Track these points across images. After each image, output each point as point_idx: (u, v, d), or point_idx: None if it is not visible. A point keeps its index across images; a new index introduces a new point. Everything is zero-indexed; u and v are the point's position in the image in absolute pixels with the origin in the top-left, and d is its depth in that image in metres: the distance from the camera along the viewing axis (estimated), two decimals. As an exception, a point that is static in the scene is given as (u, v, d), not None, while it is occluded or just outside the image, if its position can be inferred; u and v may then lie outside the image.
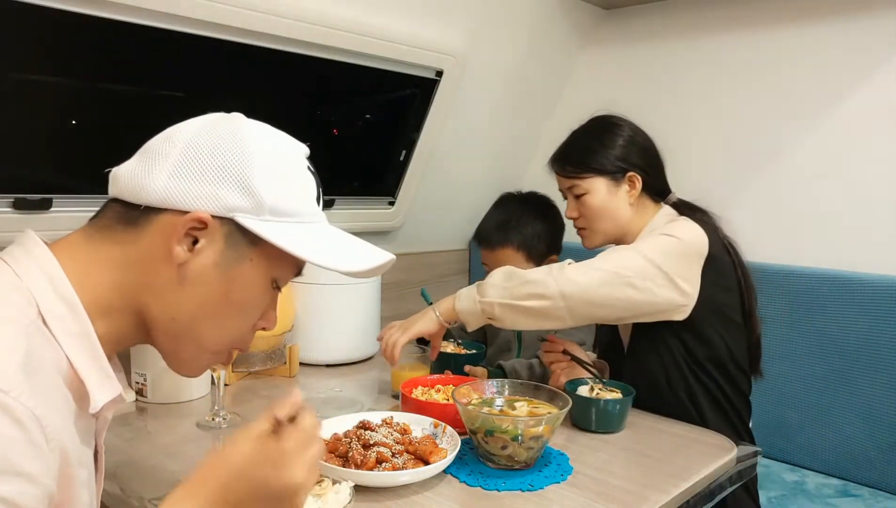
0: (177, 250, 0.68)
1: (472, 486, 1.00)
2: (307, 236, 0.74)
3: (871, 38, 1.81)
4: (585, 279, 1.21)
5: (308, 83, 1.87)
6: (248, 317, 0.76)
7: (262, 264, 0.73)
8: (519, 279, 1.24)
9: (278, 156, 0.73)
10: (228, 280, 0.71)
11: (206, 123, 0.72)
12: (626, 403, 1.23)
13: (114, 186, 0.71)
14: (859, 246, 1.82)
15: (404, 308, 2.24)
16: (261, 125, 0.75)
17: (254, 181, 0.69)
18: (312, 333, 1.64)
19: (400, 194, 2.21)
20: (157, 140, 0.72)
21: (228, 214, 0.69)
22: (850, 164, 1.85)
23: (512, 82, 2.26)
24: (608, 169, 1.37)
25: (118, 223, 0.69)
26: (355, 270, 0.77)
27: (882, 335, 1.66)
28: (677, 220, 1.36)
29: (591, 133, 1.43)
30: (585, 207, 1.40)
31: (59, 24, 1.32)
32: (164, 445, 1.15)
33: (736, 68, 2.05)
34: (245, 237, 0.71)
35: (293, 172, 0.74)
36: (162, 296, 0.70)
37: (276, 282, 0.76)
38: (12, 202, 1.40)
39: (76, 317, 0.65)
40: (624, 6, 2.28)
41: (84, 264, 0.67)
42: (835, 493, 1.67)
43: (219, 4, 1.45)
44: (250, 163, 0.70)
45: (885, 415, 1.66)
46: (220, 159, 0.69)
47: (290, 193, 0.73)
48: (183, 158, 0.68)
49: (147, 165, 0.69)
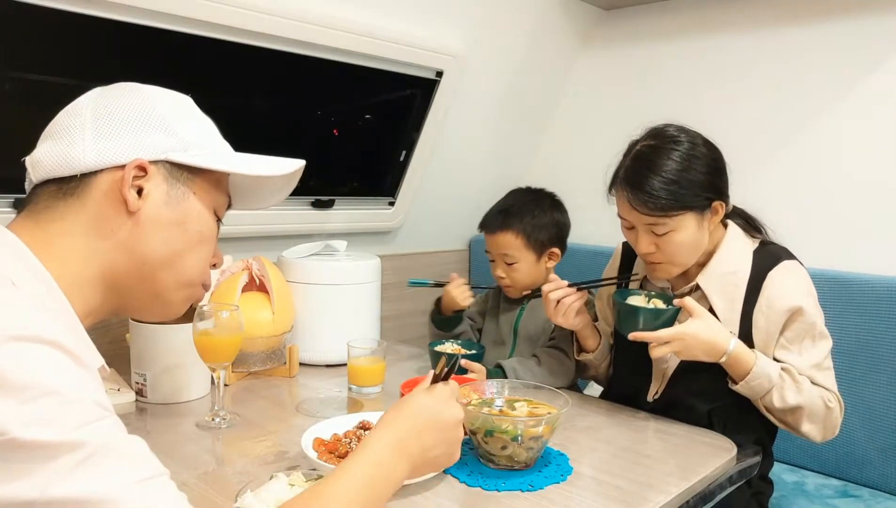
0: (130, 199, 0.72)
1: (471, 486, 1.00)
2: (231, 158, 0.82)
3: (872, 38, 1.81)
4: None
5: (308, 83, 1.87)
6: (206, 248, 0.82)
7: (202, 195, 0.80)
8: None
9: (178, 101, 0.80)
10: (181, 215, 0.77)
11: (101, 92, 0.77)
12: (675, 313, 1.24)
13: (35, 171, 0.75)
14: (859, 246, 1.82)
15: (404, 308, 2.25)
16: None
17: (171, 122, 0.76)
18: (312, 333, 1.64)
19: (400, 194, 2.21)
20: (58, 121, 0.76)
21: (162, 156, 0.75)
22: (850, 164, 1.85)
23: (512, 82, 2.26)
24: (698, 205, 1.26)
25: (56, 201, 0.73)
26: (281, 172, 0.85)
27: (882, 336, 1.66)
28: (797, 279, 1.30)
29: (657, 159, 1.26)
30: (668, 243, 1.27)
31: (59, 24, 1.32)
32: (164, 445, 1.15)
33: (736, 68, 2.05)
34: (183, 173, 0.77)
35: (195, 113, 0.82)
36: (127, 249, 0.74)
37: (216, 212, 0.83)
38: (12, 202, 1.40)
39: (52, 294, 0.68)
40: (624, 6, 2.28)
41: (42, 241, 0.70)
42: (834, 494, 1.66)
43: (219, 4, 1.45)
44: (161, 109, 0.76)
45: (885, 415, 1.66)
46: (134, 111, 0.74)
47: (204, 128, 0.81)
48: (98, 122, 0.73)
49: (64, 141, 0.73)
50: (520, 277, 1.64)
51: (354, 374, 1.45)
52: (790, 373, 1.24)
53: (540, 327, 1.66)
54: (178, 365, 1.34)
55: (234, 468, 1.07)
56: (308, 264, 1.67)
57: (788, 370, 1.24)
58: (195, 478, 1.02)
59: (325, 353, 1.64)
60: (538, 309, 1.68)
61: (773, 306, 1.27)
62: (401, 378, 1.40)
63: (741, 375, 1.22)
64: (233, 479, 1.03)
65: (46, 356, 0.56)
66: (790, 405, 1.22)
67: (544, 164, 2.55)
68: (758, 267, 1.30)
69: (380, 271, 1.75)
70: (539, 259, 1.64)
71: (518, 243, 1.62)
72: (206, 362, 1.24)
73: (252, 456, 1.10)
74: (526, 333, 1.68)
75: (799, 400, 1.22)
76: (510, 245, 1.63)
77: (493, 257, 1.68)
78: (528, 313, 1.69)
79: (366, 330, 1.68)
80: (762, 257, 1.31)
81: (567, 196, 1.73)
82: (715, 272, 1.32)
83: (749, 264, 1.31)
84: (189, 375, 1.35)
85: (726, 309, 1.30)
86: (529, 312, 1.69)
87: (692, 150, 1.28)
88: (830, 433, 1.27)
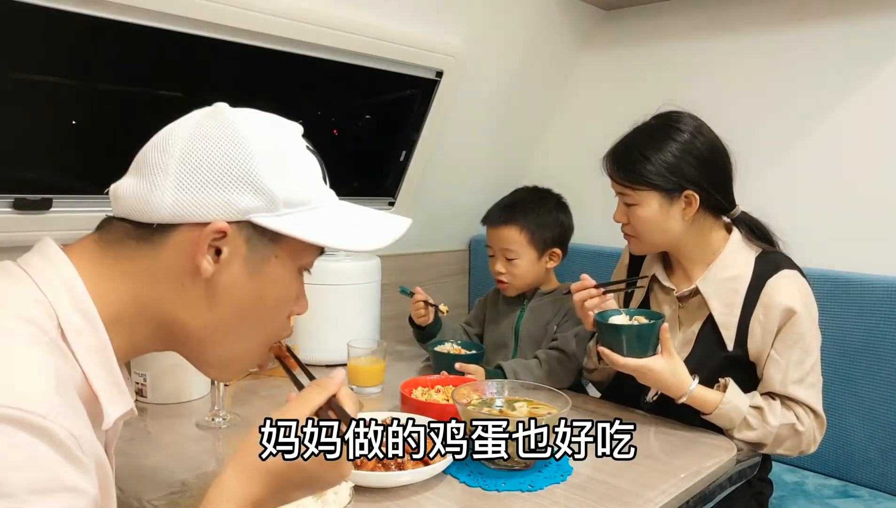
0: (203, 266, 0.67)
1: (472, 486, 1.00)
2: (324, 220, 0.73)
3: (873, 38, 1.81)
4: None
5: (308, 83, 1.87)
6: (283, 310, 0.76)
7: (287, 258, 0.72)
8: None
9: (277, 145, 0.71)
10: (259, 282, 0.71)
11: (197, 126, 0.69)
12: (656, 327, 1.22)
13: (116, 205, 0.69)
14: (859, 246, 1.82)
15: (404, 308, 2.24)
16: (248, 114, 0.73)
17: (261, 178, 0.68)
18: (312, 333, 1.64)
19: (400, 194, 2.21)
20: (148, 151, 0.70)
21: (244, 217, 0.68)
22: (850, 164, 1.85)
23: (512, 83, 2.26)
24: (662, 185, 1.27)
25: (130, 239, 0.68)
26: (381, 245, 0.76)
27: (882, 336, 1.66)
28: (796, 292, 1.27)
29: (648, 135, 1.32)
30: (634, 217, 1.32)
31: (59, 24, 1.32)
32: (163, 445, 1.15)
33: (736, 68, 2.05)
34: (265, 236, 0.70)
35: (296, 159, 0.73)
36: (193, 308, 0.69)
37: (302, 269, 0.76)
38: (12, 202, 1.40)
39: (94, 331, 0.64)
40: (624, 7, 2.28)
41: (100, 277, 0.66)
42: (834, 494, 1.66)
43: (219, 4, 1.45)
44: (253, 160, 0.68)
45: (885, 416, 1.66)
46: (223, 164, 0.67)
47: (299, 180, 0.71)
48: (183, 169, 0.66)
49: (148, 182, 0.67)
50: (519, 273, 1.64)
51: (354, 374, 1.45)
52: (760, 412, 1.24)
53: (542, 327, 1.66)
54: (178, 365, 1.33)
55: (234, 468, 1.07)
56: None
57: (760, 409, 1.25)
58: (195, 478, 1.03)
59: (325, 353, 1.64)
60: (538, 310, 1.68)
61: (770, 313, 1.26)
62: (401, 378, 1.40)
63: (705, 413, 1.25)
64: (233, 479, 1.02)
65: (20, 447, 0.52)
66: (752, 441, 1.25)
67: (544, 164, 2.55)
68: (758, 275, 1.30)
69: (380, 271, 1.75)
70: (540, 258, 1.64)
71: (521, 238, 1.62)
72: (206, 362, 1.24)
73: (252, 456, 1.10)
74: (527, 334, 1.68)
75: (759, 435, 1.24)
76: (512, 240, 1.62)
77: (493, 252, 1.67)
78: (528, 314, 1.69)
79: (366, 330, 1.68)
80: (763, 264, 1.31)
81: (567, 196, 1.74)
82: (716, 277, 1.32)
83: (750, 270, 1.30)
84: (189, 375, 1.36)
85: (724, 314, 1.30)
86: (529, 313, 1.69)
87: (685, 137, 1.29)
88: (806, 450, 1.28)
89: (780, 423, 1.24)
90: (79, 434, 0.56)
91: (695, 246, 1.34)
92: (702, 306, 1.33)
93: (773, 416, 1.24)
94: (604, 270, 1.62)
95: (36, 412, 0.54)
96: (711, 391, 1.25)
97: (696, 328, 1.34)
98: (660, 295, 1.42)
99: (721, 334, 1.30)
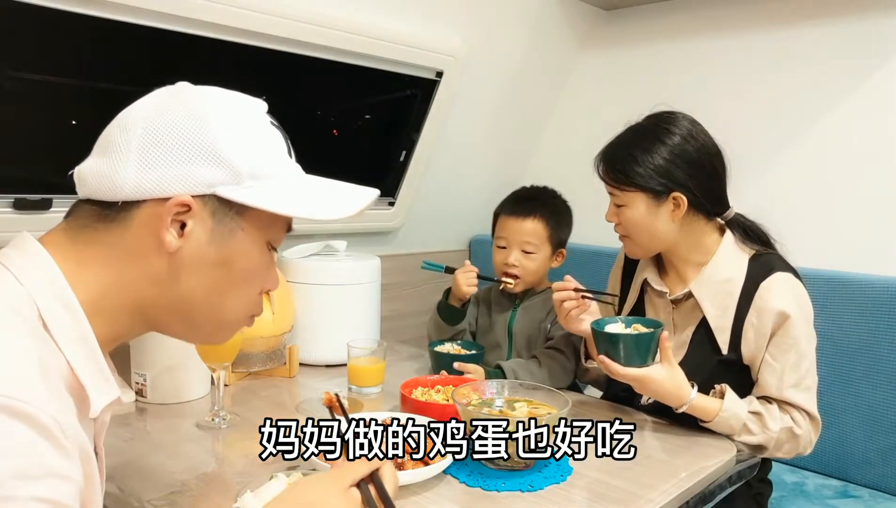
0: (167, 240, 0.67)
1: (471, 487, 1.00)
2: (290, 192, 0.73)
3: (869, 39, 1.81)
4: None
5: (308, 83, 1.87)
6: (254, 284, 0.76)
7: (253, 230, 0.73)
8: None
9: (240, 119, 0.71)
10: (226, 255, 0.71)
11: (158, 103, 0.70)
12: (655, 336, 1.21)
13: (82, 187, 0.70)
14: (859, 246, 1.82)
15: (404, 308, 2.25)
16: (211, 90, 0.73)
17: (223, 150, 0.68)
18: (312, 333, 1.64)
19: (400, 194, 2.21)
20: (110, 131, 0.70)
21: (209, 190, 0.68)
22: (850, 164, 1.85)
23: (512, 83, 2.26)
24: (649, 187, 1.27)
25: (97, 222, 0.68)
26: (345, 214, 0.76)
27: (882, 336, 1.66)
28: (790, 299, 1.26)
29: (638, 136, 1.31)
30: (623, 218, 1.32)
31: (59, 24, 1.32)
32: (163, 445, 1.15)
33: (736, 68, 2.05)
34: (231, 209, 0.70)
35: (260, 132, 0.73)
36: (164, 285, 0.70)
37: (270, 244, 0.76)
38: (12, 202, 1.40)
39: (75, 320, 0.65)
40: (624, 7, 2.28)
41: (75, 263, 0.67)
42: (834, 494, 1.66)
43: (219, 4, 1.45)
44: (214, 133, 0.68)
45: (885, 416, 1.66)
46: (184, 137, 0.67)
47: (263, 153, 0.72)
48: (145, 145, 0.67)
49: (111, 161, 0.68)
50: (533, 268, 1.62)
51: (354, 374, 1.45)
52: (760, 418, 1.24)
53: (535, 327, 1.65)
54: (178, 365, 1.34)
55: (233, 468, 1.07)
56: (308, 265, 1.67)
57: (759, 414, 1.25)
58: (195, 478, 1.03)
59: (325, 353, 1.64)
60: (531, 309, 1.67)
61: (763, 317, 1.26)
62: (401, 378, 1.40)
63: (705, 421, 1.24)
64: (233, 479, 1.03)
65: (4, 433, 0.53)
66: (752, 444, 1.25)
67: (544, 164, 2.55)
68: (751, 277, 1.29)
69: (380, 272, 1.75)
70: (552, 255, 1.64)
71: (544, 233, 1.61)
72: (206, 362, 1.24)
73: (252, 456, 1.10)
74: (521, 333, 1.67)
75: (760, 440, 1.24)
76: (535, 233, 1.60)
77: (506, 243, 1.63)
78: (521, 313, 1.68)
79: (366, 330, 1.68)
80: (756, 267, 1.30)
81: (566, 196, 1.73)
82: (709, 280, 1.31)
83: (743, 273, 1.30)
84: (189, 375, 1.36)
85: (718, 317, 1.29)
86: (522, 312, 1.68)
87: (675, 140, 1.27)
88: (802, 452, 1.28)
89: (780, 427, 1.24)
90: (63, 421, 0.57)
91: (687, 248, 1.34)
92: (695, 309, 1.32)
93: (773, 421, 1.24)
94: (602, 270, 1.62)
95: (20, 398, 0.54)
96: (710, 399, 1.24)
97: (689, 332, 1.34)
98: (654, 298, 1.42)
99: (715, 337, 1.29)
